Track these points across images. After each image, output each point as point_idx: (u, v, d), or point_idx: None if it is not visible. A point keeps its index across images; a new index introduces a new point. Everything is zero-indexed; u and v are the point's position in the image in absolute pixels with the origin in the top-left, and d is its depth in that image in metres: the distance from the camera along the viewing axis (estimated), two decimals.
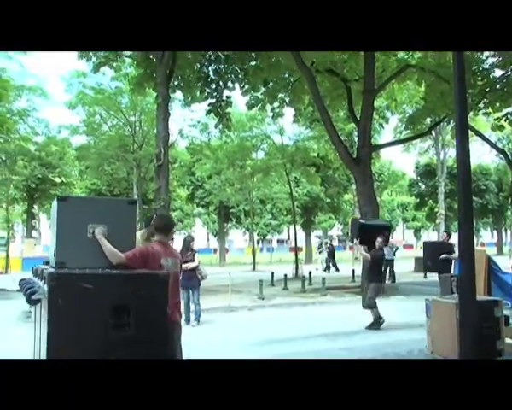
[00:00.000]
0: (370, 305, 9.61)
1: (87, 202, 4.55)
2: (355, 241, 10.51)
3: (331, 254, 26.63)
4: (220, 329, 10.09)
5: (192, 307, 10.29)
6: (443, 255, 10.95)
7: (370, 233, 10.07)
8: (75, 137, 23.28)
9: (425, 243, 13.48)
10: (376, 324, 9.50)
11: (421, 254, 19.56)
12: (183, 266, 10.08)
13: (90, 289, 3.38)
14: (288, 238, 61.34)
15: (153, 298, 3.56)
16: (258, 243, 71.88)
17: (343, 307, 12.88)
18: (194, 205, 38.97)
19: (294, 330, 9.46)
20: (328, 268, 25.68)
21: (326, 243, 28.20)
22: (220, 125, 17.35)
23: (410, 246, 63.09)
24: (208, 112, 17.31)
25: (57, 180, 28.24)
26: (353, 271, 19.38)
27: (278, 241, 75.55)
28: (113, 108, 21.28)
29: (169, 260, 4.38)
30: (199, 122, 22.04)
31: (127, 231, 4.35)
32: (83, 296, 3.35)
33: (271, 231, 56.30)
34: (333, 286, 17.11)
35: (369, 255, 9.73)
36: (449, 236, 12.13)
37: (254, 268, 29.08)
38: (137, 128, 21.90)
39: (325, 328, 9.54)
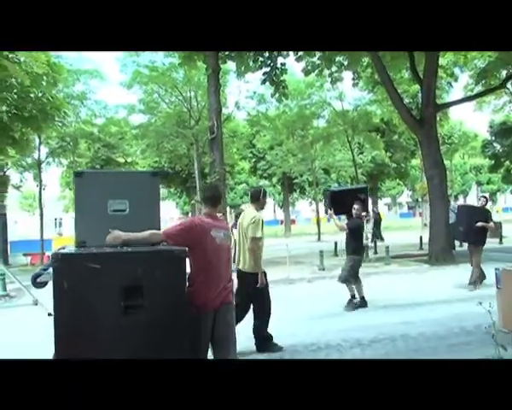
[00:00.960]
0: (344, 278, 8.53)
1: (106, 175, 4.28)
2: (329, 211, 9.09)
3: (376, 223, 24.92)
4: (276, 303, 9.74)
5: None
6: (479, 223, 9.54)
7: (345, 200, 8.87)
8: (133, 116, 23.56)
9: (459, 207, 11.51)
10: (350, 303, 8.52)
11: (496, 219, 18.20)
12: None
13: (97, 270, 3.12)
14: None
15: (169, 278, 3.25)
16: (325, 212, 70.91)
17: (408, 276, 12.18)
18: (257, 177, 38.74)
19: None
20: (372, 238, 24.11)
21: (373, 211, 26.14)
22: (277, 94, 16.78)
23: None
24: (263, 81, 16.79)
25: (121, 160, 28.84)
26: (421, 238, 18.40)
27: None
28: (168, 84, 21.21)
29: (221, 232, 4.01)
30: (255, 93, 21.58)
31: (150, 206, 4.08)
32: (90, 278, 3.09)
33: None
34: (399, 254, 16.35)
35: (345, 225, 8.66)
36: (486, 201, 10.34)
37: (319, 238, 28.56)
38: (193, 103, 21.75)
39: (387, 300, 8.99)
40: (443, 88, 25.15)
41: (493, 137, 40.34)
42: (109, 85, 37.05)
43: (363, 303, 8.50)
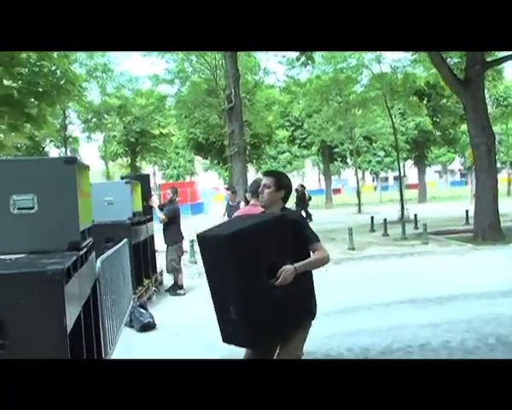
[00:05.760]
0: (172, 268, 8.79)
1: (6, 165, 3.38)
2: (150, 201, 9.28)
3: (300, 201, 21.82)
4: None
5: None
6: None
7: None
8: (160, 86, 22.70)
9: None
10: (173, 289, 8.86)
11: None
12: None
13: None
14: (404, 175, 57.67)
15: (38, 308, 2.35)
16: (373, 180, 68.84)
17: (445, 259, 10.82)
18: (296, 146, 37.32)
19: (379, 292, 7.88)
20: None
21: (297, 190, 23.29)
22: (303, 58, 15.38)
23: None
24: None
25: (155, 132, 28.28)
26: (467, 212, 16.76)
27: (395, 178, 71.88)
28: (192, 52, 20.08)
29: None
30: (284, 57, 20.15)
31: (65, 201, 3.20)
32: None
33: (385, 169, 53.37)
34: (440, 230, 14.91)
35: (163, 215, 8.69)
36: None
37: (360, 210, 27.18)
38: (218, 71, 20.57)
39: (416, 291, 7.80)
40: None
41: None
42: (132, 57, 36.38)
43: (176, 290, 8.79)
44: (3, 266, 2.64)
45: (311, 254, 3.26)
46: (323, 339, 5.62)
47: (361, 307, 6.98)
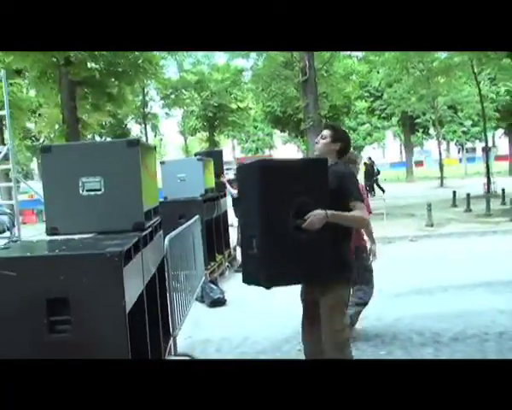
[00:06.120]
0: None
1: (75, 149, 3.56)
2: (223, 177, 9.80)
3: (367, 175, 21.85)
4: None
5: None
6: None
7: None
8: (235, 60, 22.74)
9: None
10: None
11: None
12: None
13: (12, 278, 2.45)
14: (494, 145, 54.14)
15: (99, 287, 2.48)
16: (458, 152, 65.52)
17: None
18: (376, 118, 36.18)
19: (455, 272, 7.54)
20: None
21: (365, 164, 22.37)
22: None
23: None
24: None
25: (233, 106, 28.60)
26: None
27: (483, 149, 67.76)
28: None
29: None
30: None
31: (129, 183, 3.33)
32: (5, 288, 2.44)
33: (471, 139, 50.52)
34: None
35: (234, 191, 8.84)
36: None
37: (442, 184, 25.99)
38: None
39: (495, 272, 7.37)
40: None
41: None
42: None
43: None
44: (70, 247, 2.81)
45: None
46: (393, 321, 5.52)
47: (435, 289, 6.71)
